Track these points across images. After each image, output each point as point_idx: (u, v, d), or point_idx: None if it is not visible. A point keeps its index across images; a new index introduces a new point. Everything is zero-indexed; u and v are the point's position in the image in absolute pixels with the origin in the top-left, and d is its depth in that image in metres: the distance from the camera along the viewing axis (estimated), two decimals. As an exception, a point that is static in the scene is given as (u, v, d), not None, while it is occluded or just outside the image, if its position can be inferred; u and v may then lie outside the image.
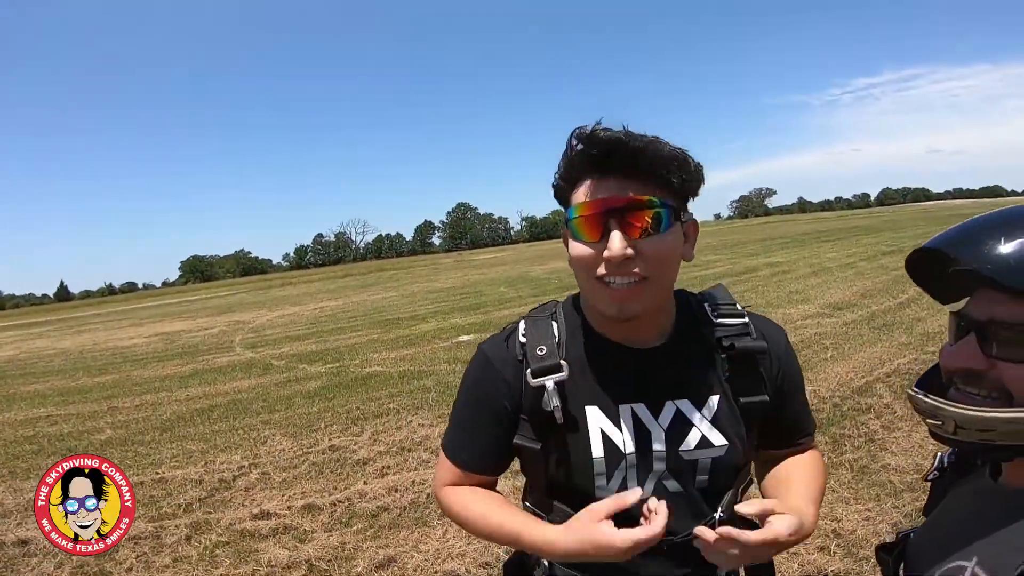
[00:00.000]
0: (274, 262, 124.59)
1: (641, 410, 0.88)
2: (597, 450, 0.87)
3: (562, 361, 0.87)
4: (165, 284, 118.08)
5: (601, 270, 0.81)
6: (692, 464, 0.88)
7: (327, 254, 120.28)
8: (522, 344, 0.91)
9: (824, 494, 0.98)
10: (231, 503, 3.58)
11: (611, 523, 0.80)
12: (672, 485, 0.89)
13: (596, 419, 0.88)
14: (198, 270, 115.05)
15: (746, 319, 0.92)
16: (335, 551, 2.84)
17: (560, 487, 0.91)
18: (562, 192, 0.87)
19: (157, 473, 4.24)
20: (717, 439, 0.88)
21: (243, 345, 11.18)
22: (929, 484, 0.86)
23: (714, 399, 0.89)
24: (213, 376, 8.17)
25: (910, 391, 0.65)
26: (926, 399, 0.61)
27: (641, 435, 0.87)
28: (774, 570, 0.97)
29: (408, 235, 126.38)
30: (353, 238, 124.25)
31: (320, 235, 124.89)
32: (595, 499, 0.87)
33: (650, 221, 0.79)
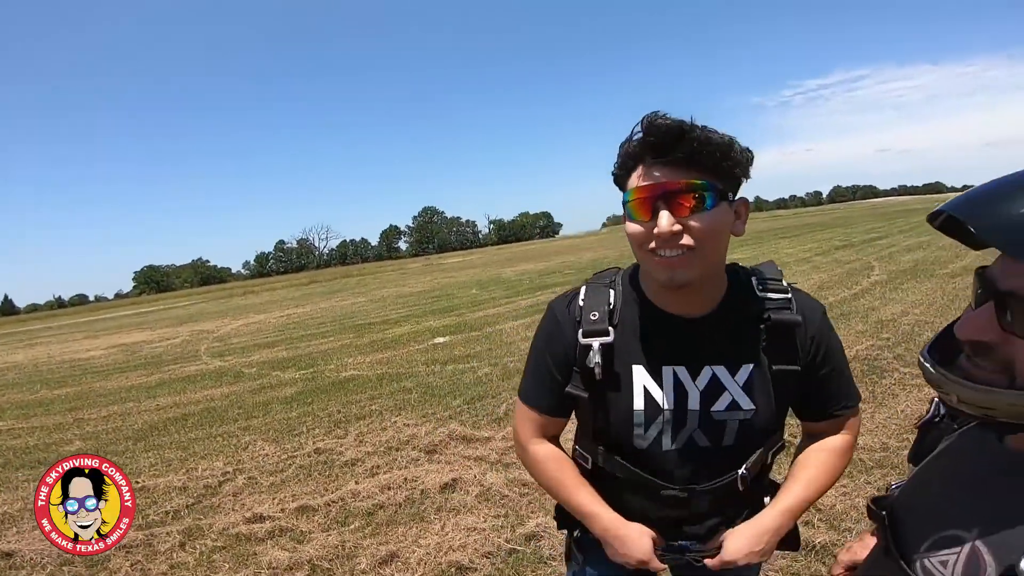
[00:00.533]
0: (234, 270, 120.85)
1: (682, 372, 0.99)
2: (639, 403, 1.00)
3: (610, 327, 1.00)
4: (118, 296, 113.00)
5: (652, 244, 0.90)
6: (722, 424, 0.99)
7: (289, 261, 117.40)
8: (580, 307, 1.04)
9: (833, 480, 1.06)
10: (221, 508, 3.53)
11: (650, 543, 1.02)
12: (702, 441, 1.01)
13: (641, 377, 1.00)
14: (153, 280, 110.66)
15: (789, 294, 1.00)
16: (335, 550, 2.85)
17: (604, 434, 1.05)
18: (620, 180, 0.97)
19: (137, 482, 4.12)
20: (745, 403, 0.99)
21: (209, 354, 10.89)
22: (918, 430, 0.83)
23: (748, 366, 0.99)
24: (182, 385, 7.95)
25: (921, 357, 0.62)
26: (933, 370, 0.59)
27: (679, 394, 0.99)
28: (799, 539, 1.09)
29: (373, 240, 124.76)
30: (316, 244, 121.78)
31: (282, 242, 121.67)
32: (633, 447, 1.02)
33: (696, 201, 0.88)
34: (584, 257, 25.92)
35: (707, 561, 1.02)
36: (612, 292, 1.05)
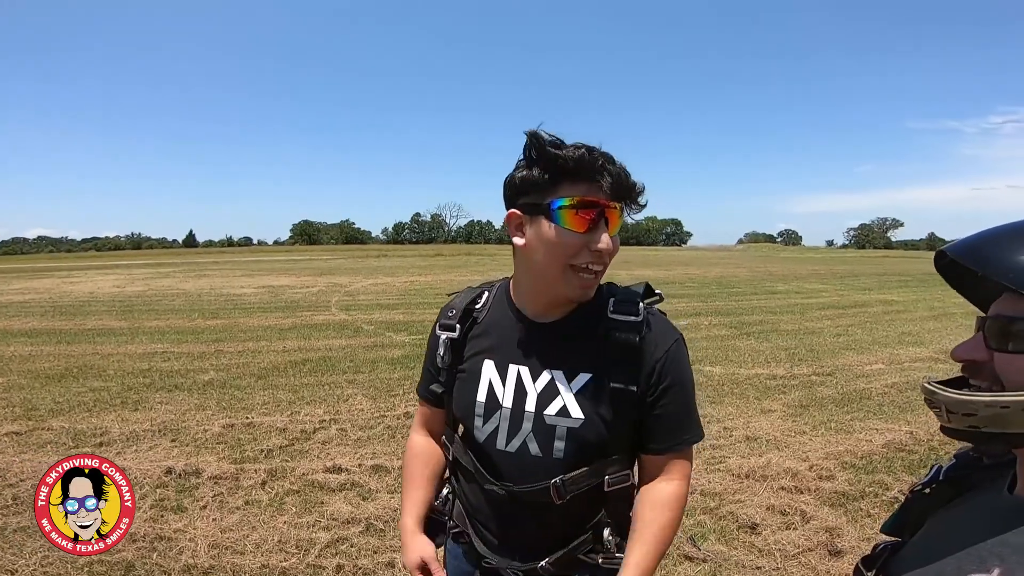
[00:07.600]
0: (374, 234, 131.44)
1: (524, 372, 1.04)
2: (481, 395, 1.06)
3: (458, 324, 1.10)
4: (276, 243, 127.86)
5: (583, 259, 0.95)
6: (552, 429, 1.01)
7: (422, 233, 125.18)
8: (448, 304, 1.15)
9: (671, 535, 1.02)
10: (307, 454, 3.83)
11: (419, 560, 1.09)
12: (534, 448, 1.02)
13: (488, 371, 1.07)
14: (306, 234, 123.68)
15: (639, 318, 1.00)
16: (394, 513, 2.97)
17: (455, 421, 1.13)
18: (539, 184, 0.95)
19: (247, 418, 4.57)
20: (575, 411, 1.00)
21: (338, 306, 11.89)
22: (908, 495, 0.81)
23: (584, 376, 1.01)
24: (309, 332, 8.74)
25: (923, 383, 0.68)
26: (928, 386, 0.65)
27: (519, 393, 1.03)
28: None
29: (497, 223, 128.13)
30: (447, 220, 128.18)
31: (418, 214, 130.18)
32: (474, 437, 1.07)
33: (619, 224, 0.97)
34: (711, 272, 24.39)
35: None
36: (487, 294, 1.13)
